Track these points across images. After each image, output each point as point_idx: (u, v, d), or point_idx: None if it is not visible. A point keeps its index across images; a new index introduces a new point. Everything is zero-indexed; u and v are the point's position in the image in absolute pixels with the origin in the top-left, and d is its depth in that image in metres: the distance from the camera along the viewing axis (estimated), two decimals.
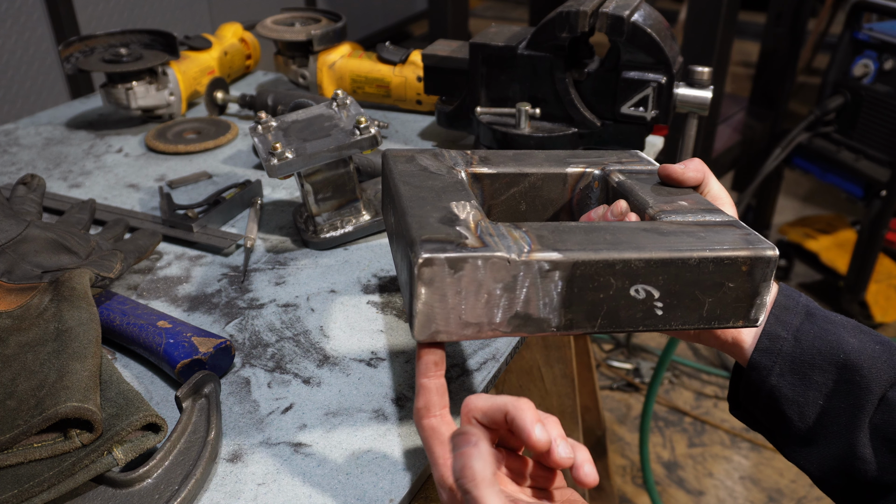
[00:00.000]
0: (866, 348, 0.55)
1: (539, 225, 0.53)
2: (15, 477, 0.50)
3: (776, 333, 0.56)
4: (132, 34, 1.20)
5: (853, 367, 0.54)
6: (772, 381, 0.56)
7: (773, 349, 0.56)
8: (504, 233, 0.51)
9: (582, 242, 0.50)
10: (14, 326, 0.61)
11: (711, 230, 0.54)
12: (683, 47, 1.81)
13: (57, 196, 0.96)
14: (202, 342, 0.64)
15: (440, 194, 0.57)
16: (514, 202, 0.67)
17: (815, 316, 0.57)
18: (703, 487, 1.75)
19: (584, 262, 0.49)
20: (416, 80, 1.15)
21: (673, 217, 0.56)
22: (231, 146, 1.12)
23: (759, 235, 0.54)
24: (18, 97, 2.24)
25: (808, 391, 0.55)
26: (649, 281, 0.50)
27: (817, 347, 0.55)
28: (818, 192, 2.91)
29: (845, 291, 2.12)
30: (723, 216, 0.57)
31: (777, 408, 0.56)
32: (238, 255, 0.84)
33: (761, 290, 0.52)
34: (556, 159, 0.68)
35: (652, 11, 0.89)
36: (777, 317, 0.57)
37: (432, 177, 0.61)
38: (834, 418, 0.55)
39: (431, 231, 0.50)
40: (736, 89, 3.49)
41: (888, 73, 1.91)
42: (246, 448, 0.58)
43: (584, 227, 0.53)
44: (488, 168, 0.65)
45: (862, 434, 0.53)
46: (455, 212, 0.53)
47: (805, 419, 0.56)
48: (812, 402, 0.55)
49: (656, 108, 0.90)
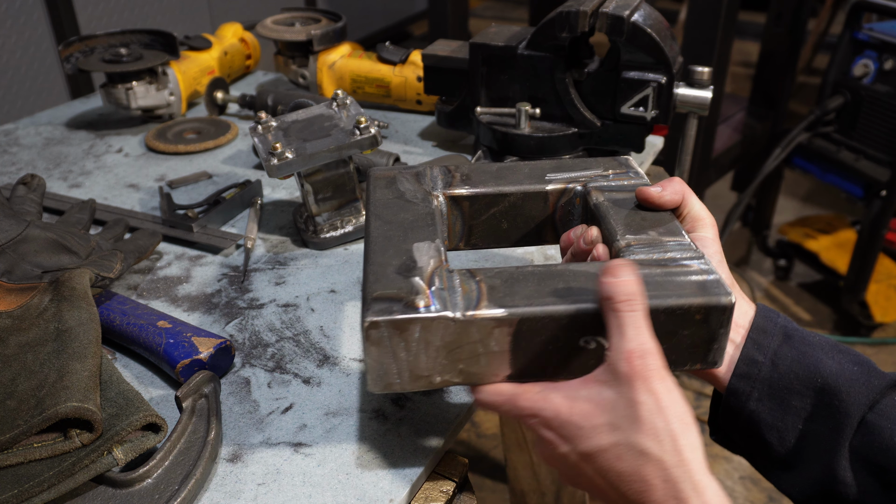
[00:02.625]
0: (845, 370, 0.54)
1: (496, 272, 0.53)
2: (15, 477, 0.50)
3: (753, 358, 0.56)
4: (132, 34, 1.20)
5: (831, 391, 0.54)
6: (750, 407, 0.56)
7: (751, 374, 0.56)
8: (456, 285, 0.52)
9: (530, 295, 0.50)
10: (14, 326, 0.61)
11: (672, 273, 0.52)
12: (683, 47, 1.81)
13: (57, 196, 0.96)
14: (202, 342, 0.64)
15: (408, 232, 0.58)
16: (496, 221, 0.66)
17: (793, 338, 0.56)
18: None
19: (530, 318, 0.49)
20: (416, 80, 1.15)
21: (638, 254, 0.54)
22: (231, 146, 1.12)
23: (718, 280, 0.51)
24: (18, 97, 2.24)
25: (787, 416, 0.55)
26: (599, 331, 0.50)
27: (795, 372, 0.55)
28: (818, 192, 2.91)
29: (845, 291, 2.12)
30: (691, 252, 0.54)
31: (756, 432, 0.56)
32: (238, 255, 0.84)
33: (718, 336, 0.51)
34: (539, 174, 0.66)
35: (652, 11, 0.89)
36: (754, 340, 0.56)
37: (406, 207, 0.62)
38: (813, 442, 0.54)
39: (384, 286, 0.52)
40: (736, 89, 3.49)
41: (888, 73, 1.91)
42: (246, 448, 0.58)
43: (540, 273, 0.53)
44: (468, 189, 0.65)
45: (842, 457, 0.53)
46: (415, 257, 0.55)
47: (785, 444, 0.55)
48: (791, 427, 0.55)
49: (656, 108, 0.90)
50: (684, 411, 0.46)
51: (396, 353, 0.50)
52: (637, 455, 0.45)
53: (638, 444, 0.45)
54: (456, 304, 0.50)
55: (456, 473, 0.58)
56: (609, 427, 0.46)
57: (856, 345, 2.14)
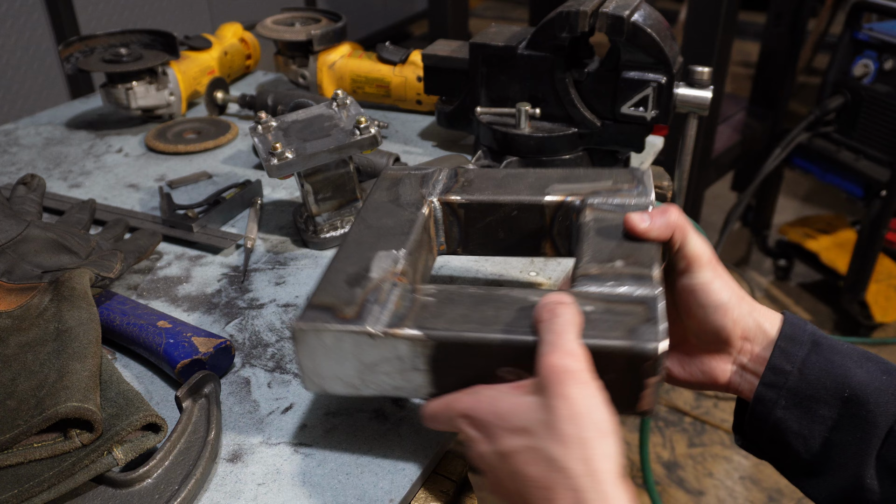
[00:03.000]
0: (873, 380, 0.54)
1: (437, 290, 0.54)
2: (15, 477, 0.50)
3: (781, 367, 0.55)
4: (132, 34, 1.20)
5: (859, 402, 0.53)
6: (777, 414, 0.55)
7: (778, 383, 0.55)
8: (391, 300, 0.53)
9: (455, 319, 0.50)
10: (14, 326, 0.61)
11: (611, 311, 0.49)
12: (683, 47, 1.81)
13: (57, 196, 0.96)
14: (202, 342, 0.64)
15: (380, 238, 0.60)
16: (492, 230, 0.66)
17: (822, 346, 0.56)
18: (703, 487, 1.75)
19: (446, 343, 0.49)
20: (416, 80, 1.15)
21: (588, 286, 0.52)
22: (231, 146, 1.12)
23: (655, 325, 0.48)
24: (18, 97, 2.24)
25: (814, 425, 0.55)
26: (517, 363, 0.49)
27: (822, 381, 0.54)
28: (818, 192, 2.91)
29: (845, 291, 2.12)
30: (647, 289, 0.51)
31: (783, 440, 0.56)
32: (238, 255, 0.84)
33: (646, 385, 0.47)
34: (541, 185, 0.64)
35: (652, 11, 0.89)
36: (782, 349, 0.56)
37: (393, 212, 0.64)
38: (840, 451, 0.54)
39: (326, 293, 0.54)
40: (736, 89, 3.49)
41: (888, 73, 1.91)
42: (246, 448, 0.58)
43: (477, 296, 0.53)
44: (463, 196, 0.65)
45: (869, 466, 0.53)
46: (371, 266, 0.57)
47: (811, 451, 0.55)
48: (818, 435, 0.55)
49: (656, 108, 0.90)
50: (602, 419, 0.44)
51: (323, 360, 0.52)
52: (545, 461, 0.43)
53: (546, 450, 0.43)
54: (380, 319, 0.51)
55: (456, 473, 0.58)
56: (523, 430, 0.45)
57: (856, 345, 2.14)
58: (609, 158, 0.98)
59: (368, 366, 0.52)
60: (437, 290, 0.54)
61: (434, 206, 0.65)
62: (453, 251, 0.68)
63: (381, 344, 0.51)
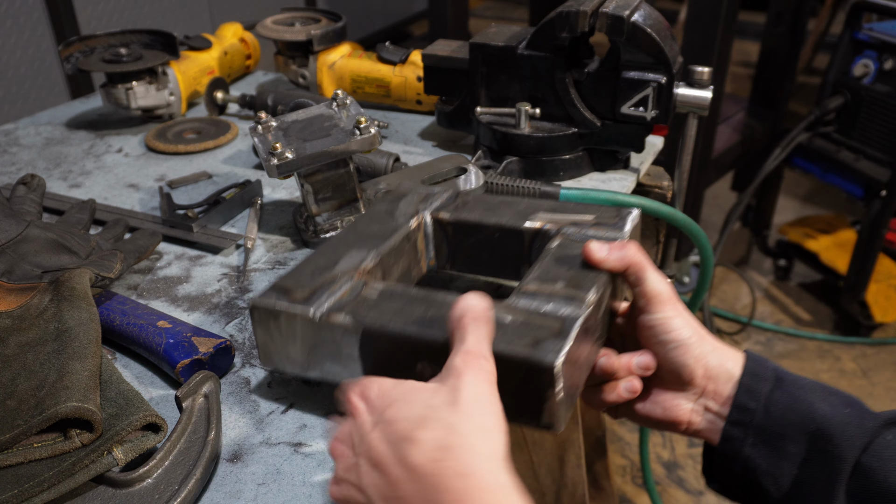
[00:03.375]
0: (837, 413, 0.54)
1: (383, 287, 0.58)
2: (15, 477, 0.50)
3: (746, 405, 0.56)
4: (132, 34, 1.20)
5: (825, 436, 0.53)
6: (745, 453, 0.56)
7: (745, 420, 0.56)
8: (340, 291, 0.58)
9: (387, 312, 0.54)
10: (14, 326, 0.61)
11: (527, 323, 0.51)
12: (683, 47, 1.81)
13: (57, 196, 0.96)
14: (202, 342, 0.64)
15: (360, 241, 0.65)
16: (476, 251, 0.69)
17: (785, 381, 0.56)
18: (703, 487, 1.75)
19: (371, 332, 0.53)
20: (416, 80, 1.15)
21: (519, 301, 0.54)
22: (231, 146, 1.12)
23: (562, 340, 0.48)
24: (18, 97, 2.24)
25: (782, 462, 0.55)
26: (433, 359, 0.51)
27: (788, 417, 0.55)
28: (818, 192, 2.91)
29: (845, 291, 2.12)
30: (572, 309, 0.52)
31: (752, 478, 0.56)
32: (238, 255, 0.84)
33: (545, 397, 0.48)
34: (527, 213, 0.66)
35: (652, 11, 0.89)
36: (746, 386, 0.56)
37: (383, 221, 0.68)
38: (810, 487, 0.54)
39: (289, 279, 0.60)
40: (736, 89, 3.49)
41: (888, 73, 1.91)
42: (246, 448, 0.58)
43: (415, 296, 0.56)
44: (454, 215, 0.68)
45: (838, 500, 0.53)
46: (339, 262, 0.61)
47: (781, 489, 0.55)
48: (787, 473, 0.55)
49: (656, 108, 0.90)
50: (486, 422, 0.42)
51: (273, 337, 0.58)
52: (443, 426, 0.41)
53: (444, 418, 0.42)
54: (322, 306, 0.56)
55: None
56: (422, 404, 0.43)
57: (856, 345, 2.14)
58: (609, 158, 0.98)
59: (311, 347, 0.57)
60: (383, 288, 0.58)
61: (425, 220, 0.69)
62: (443, 267, 0.71)
63: (320, 327, 0.55)
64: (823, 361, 2.09)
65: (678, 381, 0.58)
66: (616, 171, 0.99)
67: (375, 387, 0.47)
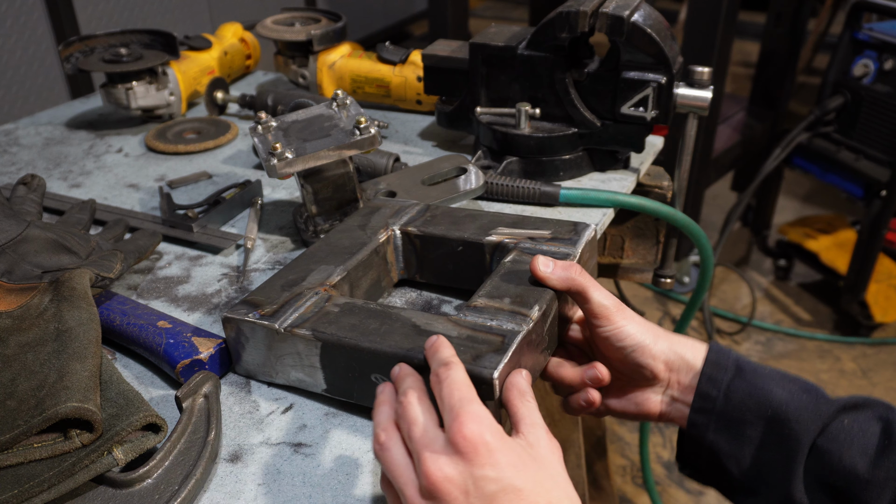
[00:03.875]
0: (794, 398, 0.58)
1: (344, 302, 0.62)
2: (15, 477, 0.50)
3: (707, 393, 0.60)
4: (132, 34, 1.20)
5: (782, 420, 0.57)
6: (709, 438, 0.60)
7: (707, 408, 0.60)
8: (305, 305, 0.62)
9: (346, 327, 0.58)
10: (14, 326, 0.61)
11: (472, 338, 0.55)
12: (683, 47, 1.81)
13: (57, 196, 0.96)
14: (202, 342, 0.64)
15: (329, 254, 0.70)
16: (442, 262, 0.73)
17: (745, 370, 0.60)
18: (703, 487, 1.75)
19: (329, 344, 0.58)
20: (416, 80, 1.15)
21: (467, 316, 0.58)
22: (231, 146, 1.12)
23: (501, 355, 0.53)
24: (18, 97, 2.24)
25: (743, 445, 0.59)
26: (384, 371, 0.56)
27: (746, 403, 0.58)
28: (818, 192, 2.91)
29: (845, 291, 2.12)
30: (515, 325, 0.56)
31: (717, 462, 0.60)
32: (238, 255, 0.84)
33: (488, 405, 0.50)
34: (490, 226, 0.71)
35: (652, 11, 0.89)
36: (708, 375, 0.60)
37: (354, 235, 0.73)
38: (770, 469, 0.58)
39: (259, 293, 0.65)
40: (736, 89, 3.49)
41: (888, 73, 1.91)
42: (246, 448, 0.58)
43: (372, 311, 0.60)
44: (421, 228, 0.73)
45: (798, 481, 0.57)
46: (308, 276, 0.66)
47: (743, 471, 0.59)
48: (747, 455, 0.59)
49: (656, 108, 0.90)
50: None
51: (245, 347, 0.63)
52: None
53: None
54: (287, 320, 0.61)
55: None
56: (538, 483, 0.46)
57: (856, 345, 2.14)
58: (609, 158, 0.98)
59: (278, 357, 0.61)
60: (344, 303, 0.62)
61: (395, 233, 0.74)
62: (412, 277, 0.76)
63: (284, 339, 0.60)
64: (823, 361, 2.09)
65: (644, 378, 0.62)
66: (616, 171, 0.99)
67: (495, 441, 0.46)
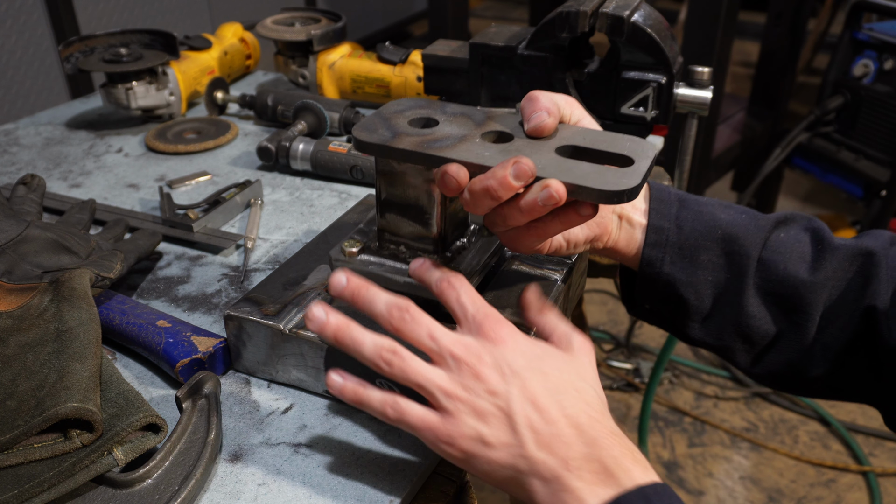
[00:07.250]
0: (736, 219, 0.61)
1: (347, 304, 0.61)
2: (15, 477, 0.50)
3: (660, 226, 0.60)
4: (132, 34, 1.20)
5: (731, 239, 0.60)
6: (665, 271, 0.60)
7: (660, 241, 0.60)
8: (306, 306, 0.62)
9: None
10: (14, 327, 0.61)
11: None
12: (683, 47, 1.81)
13: (57, 196, 0.96)
14: (202, 341, 0.64)
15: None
16: None
17: (687, 201, 0.61)
18: (703, 487, 1.75)
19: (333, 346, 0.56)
20: (416, 80, 1.15)
21: None
22: (231, 146, 1.12)
23: None
24: (18, 97, 2.24)
25: (699, 271, 0.60)
26: None
27: (697, 229, 0.60)
28: (818, 192, 2.91)
29: None
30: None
31: (674, 294, 0.61)
32: (238, 255, 0.84)
33: None
34: None
35: (652, 11, 0.89)
36: (656, 210, 0.61)
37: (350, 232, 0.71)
38: (724, 288, 0.60)
39: (261, 291, 0.66)
40: (736, 89, 3.49)
41: (888, 73, 1.91)
42: (246, 448, 0.58)
43: None
44: None
45: (749, 295, 0.59)
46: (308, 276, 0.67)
47: (701, 297, 0.61)
48: (703, 280, 0.60)
49: (656, 109, 0.90)
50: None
51: (247, 344, 0.63)
52: None
53: None
54: (292, 320, 0.62)
55: (456, 473, 0.58)
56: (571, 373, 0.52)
57: None
58: None
59: (280, 357, 0.62)
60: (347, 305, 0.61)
61: None
62: None
63: (288, 340, 0.61)
64: None
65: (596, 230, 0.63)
66: None
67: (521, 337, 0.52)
